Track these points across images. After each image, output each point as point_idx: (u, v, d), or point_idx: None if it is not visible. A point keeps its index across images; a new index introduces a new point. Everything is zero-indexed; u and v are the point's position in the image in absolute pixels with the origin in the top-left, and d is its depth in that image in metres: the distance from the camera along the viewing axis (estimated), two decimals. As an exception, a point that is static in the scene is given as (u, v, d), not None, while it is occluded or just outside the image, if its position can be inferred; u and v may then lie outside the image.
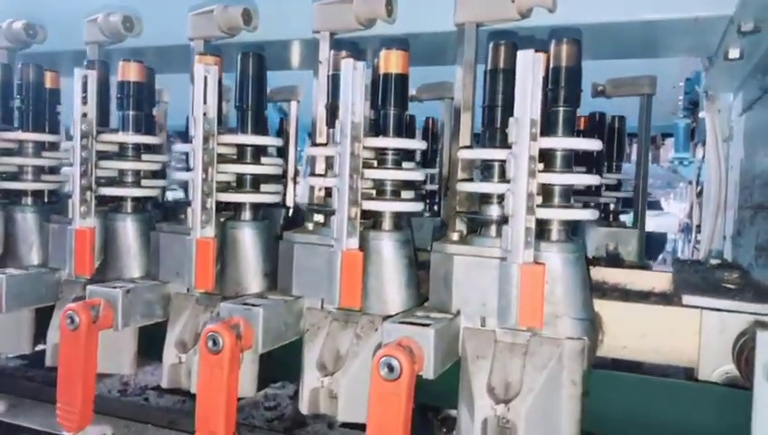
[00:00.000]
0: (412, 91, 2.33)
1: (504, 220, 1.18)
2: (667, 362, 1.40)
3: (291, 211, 2.05)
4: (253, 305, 1.29)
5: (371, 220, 1.38)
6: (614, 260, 2.13)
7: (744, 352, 1.16)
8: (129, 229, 1.61)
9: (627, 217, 2.36)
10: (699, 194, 5.68)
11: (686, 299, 1.33)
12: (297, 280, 1.39)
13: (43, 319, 1.70)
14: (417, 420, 1.56)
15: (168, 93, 2.42)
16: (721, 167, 2.59)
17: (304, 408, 1.34)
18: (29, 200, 1.78)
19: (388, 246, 1.34)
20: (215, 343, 1.21)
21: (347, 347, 1.34)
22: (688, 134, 5.93)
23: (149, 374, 2.30)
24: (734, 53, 1.69)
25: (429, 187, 2.53)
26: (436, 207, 2.50)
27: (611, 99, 2.35)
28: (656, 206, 9.79)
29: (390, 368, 1.08)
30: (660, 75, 2.31)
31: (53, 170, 1.83)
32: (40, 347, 2.35)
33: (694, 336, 1.35)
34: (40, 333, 1.74)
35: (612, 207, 2.35)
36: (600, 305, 1.40)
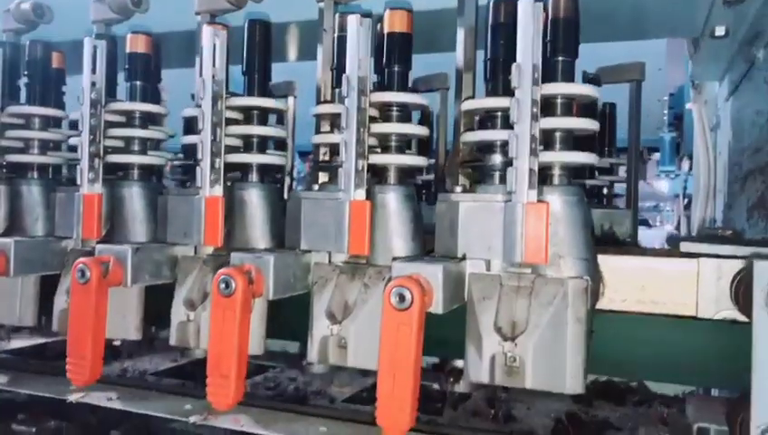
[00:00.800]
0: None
1: (507, 164, 1.22)
2: (666, 313, 1.43)
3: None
4: (263, 254, 1.32)
5: (376, 178, 1.42)
6: (609, 239, 2.18)
7: (741, 286, 1.20)
8: (135, 196, 1.63)
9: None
10: (687, 207, 5.78)
11: (684, 246, 1.37)
12: (305, 234, 1.41)
13: (46, 295, 1.72)
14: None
15: (166, 92, 2.46)
16: (709, 154, 2.67)
17: (314, 356, 1.35)
18: (34, 174, 1.80)
19: (393, 199, 1.38)
20: (227, 285, 1.24)
21: (355, 297, 1.36)
22: (674, 148, 6.05)
23: (147, 362, 2.30)
24: (719, 30, 1.77)
25: (425, 177, 2.57)
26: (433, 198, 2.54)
27: (602, 87, 2.43)
28: (645, 223, 9.89)
29: (402, 298, 1.11)
30: (645, 89, 2.37)
31: (58, 148, 1.85)
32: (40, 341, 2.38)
33: (692, 285, 1.39)
34: (43, 307, 1.75)
35: (606, 190, 2.41)
36: (600, 260, 1.44)
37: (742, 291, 1.20)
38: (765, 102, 1.58)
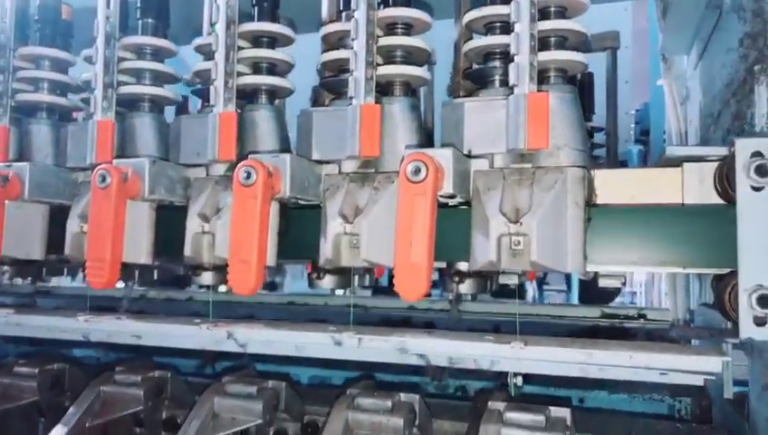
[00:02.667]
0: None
1: (508, 64, 1.32)
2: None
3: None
4: (280, 154, 1.39)
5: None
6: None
7: (723, 171, 1.31)
8: (147, 126, 1.69)
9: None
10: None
11: (669, 150, 1.48)
12: (317, 146, 1.49)
13: (53, 231, 1.76)
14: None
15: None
16: (681, 126, 2.82)
17: (328, 253, 1.42)
18: (44, 114, 1.85)
19: (400, 109, 1.47)
20: (248, 175, 1.30)
21: (365, 201, 1.44)
22: (642, 160, 6.29)
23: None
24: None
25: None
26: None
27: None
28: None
29: (417, 170, 1.20)
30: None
31: (65, 92, 1.91)
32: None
33: (677, 192, 1.49)
34: (51, 243, 1.78)
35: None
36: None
37: (725, 173, 1.30)
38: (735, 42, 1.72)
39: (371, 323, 1.69)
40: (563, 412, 1.42)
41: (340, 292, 1.67)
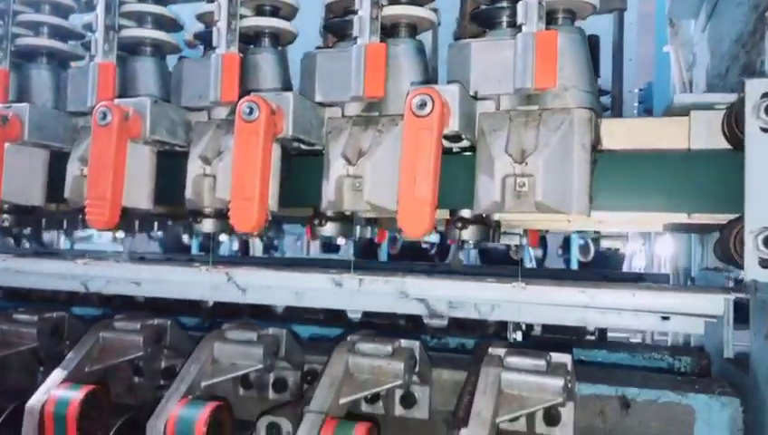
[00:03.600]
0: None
1: (517, 0, 1.30)
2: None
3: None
4: (282, 92, 1.37)
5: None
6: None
7: (731, 115, 1.29)
8: (148, 70, 1.67)
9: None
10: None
11: (678, 98, 1.46)
12: (320, 87, 1.47)
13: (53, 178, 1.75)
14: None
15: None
16: (687, 91, 2.80)
17: (330, 195, 1.41)
18: (44, 59, 1.83)
19: (404, 51, 1.45)
20: (250, 111, 1.29)
21: (369, 143, 1.42)
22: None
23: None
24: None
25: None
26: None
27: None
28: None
29: (423, 104, 1.18)
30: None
31: (66, 38, 1.88)
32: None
33: (684, 140, 1.48)
34: (51, 190, 1.77)
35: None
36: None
37: (734, 116, 1.28)
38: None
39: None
40: (564, 358, 1.41)
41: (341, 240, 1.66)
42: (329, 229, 1.58)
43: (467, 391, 1.45)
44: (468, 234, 1.46)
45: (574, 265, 8.38)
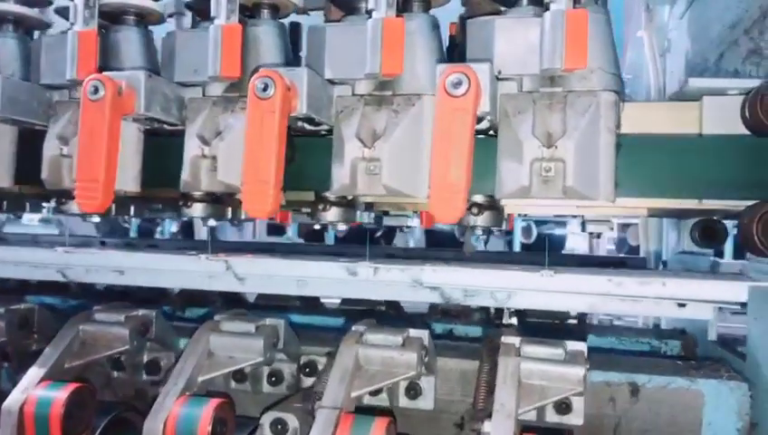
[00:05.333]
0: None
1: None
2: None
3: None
4: (296, 69, 1.28)
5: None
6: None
7: (758, 96, 1.28)
8: (132, 41, 1.54)
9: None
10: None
11: (692, 82, 1.45)
12: (330, 63, 1.38)
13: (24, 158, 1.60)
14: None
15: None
16: (659, 78, 2.83)
17: (344, 178, 1.33)
18: (10, 27, 1.66)
19: (418, 27, 1.38)
20: (265, 87, 1.19)
21: (383, 125, 1.35)
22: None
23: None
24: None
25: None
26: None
27: None
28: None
29: (458, 83, 1.12)
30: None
31: (34, 4, 1.72)
32: None
33: (695, 125, 1.46)
34: (20, 170, 1.62)
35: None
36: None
37: (759, 103, 1.27)
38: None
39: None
40: (580, 346, 1.39)
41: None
42: (332, 215, 1.51)
43: (484, 381, 1.41)
44: (483, 220, 1.41)
45: (517, 247, 8.54)
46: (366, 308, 2.41)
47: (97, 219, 1.66)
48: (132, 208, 1.83)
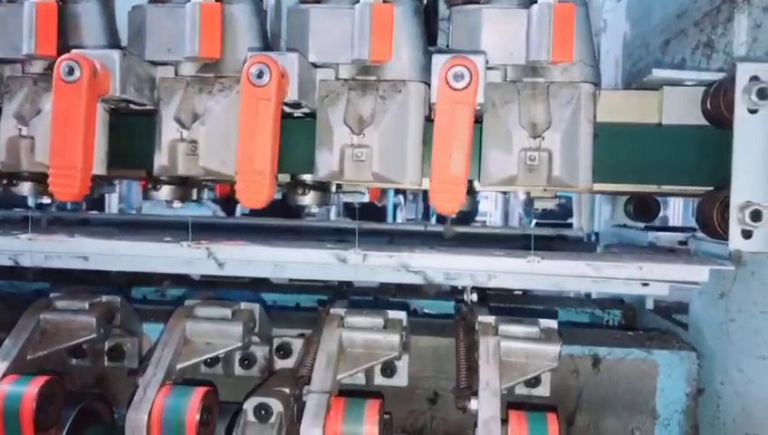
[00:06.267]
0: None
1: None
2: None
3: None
4: (287, 53, 1.25)
5: None
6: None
7: (721, 90, 1.37)
8: (93, 13, 1.45)
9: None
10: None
11: (655, 72, 1.52)
12: (313, 46, 1.35)
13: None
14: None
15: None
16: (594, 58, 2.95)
17: (334, 165, 1.32)
18: (-53, -8, 1.51)
19: (404, 12, 1.37)
20: (260, 74, 1.16)
21: (371, 110, 1.35)
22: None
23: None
24: None
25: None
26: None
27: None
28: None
29: (460, 76, 1.13)
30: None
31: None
32: None
33: (654, 114, 1.55)
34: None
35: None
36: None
37: (721, 94, 1.36)
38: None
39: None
40: (552, 323, 1.47)
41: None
42: (309, 199, 1.50)
43: (463, 359, 1.47)
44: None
45: (433, 217, 8.84)
46: (321, 285, 2.43)
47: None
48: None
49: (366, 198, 2.30)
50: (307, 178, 1.49)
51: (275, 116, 1.18)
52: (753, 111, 1.31)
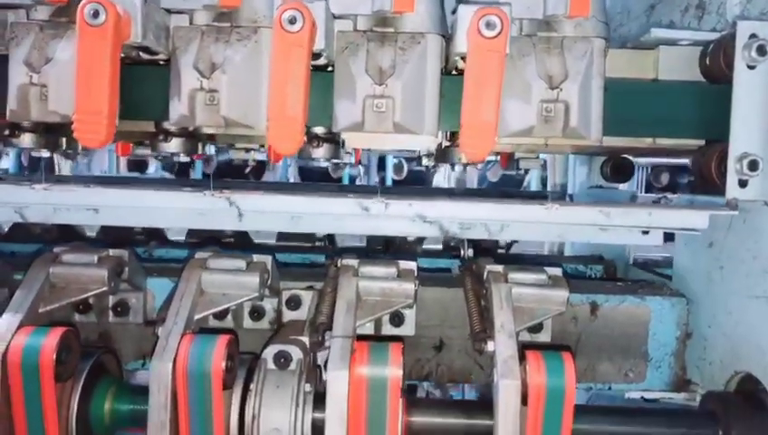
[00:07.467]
0: None
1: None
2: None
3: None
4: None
5: None
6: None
7: (721, 47, 1.45)
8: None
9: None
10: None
11: (654, 32, 1.59)
12: (334, -3, 1.36)
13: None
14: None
15: None
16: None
17: (356, 116, 1.34)
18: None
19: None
20: (292, 20, 1.17)
21: (390, 62, 1.36)
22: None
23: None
24: None
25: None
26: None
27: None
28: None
29: (491, 25, 1.16)
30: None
31: None
32: None
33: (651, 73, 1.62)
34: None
35: None
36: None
37: (722, 52, 1.44)
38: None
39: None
40: (557, 271, 1.54)
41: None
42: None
43: (474, 306, 1.53)
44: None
45: (389, 183, 8.91)
46: (309, 245, 2.46)
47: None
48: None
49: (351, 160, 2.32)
50: (319, 130, 1.50)
51: (307, 63, 1.19)
52: (751, 67, 1.39)
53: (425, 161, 2.17)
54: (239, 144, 2.22)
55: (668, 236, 1.68)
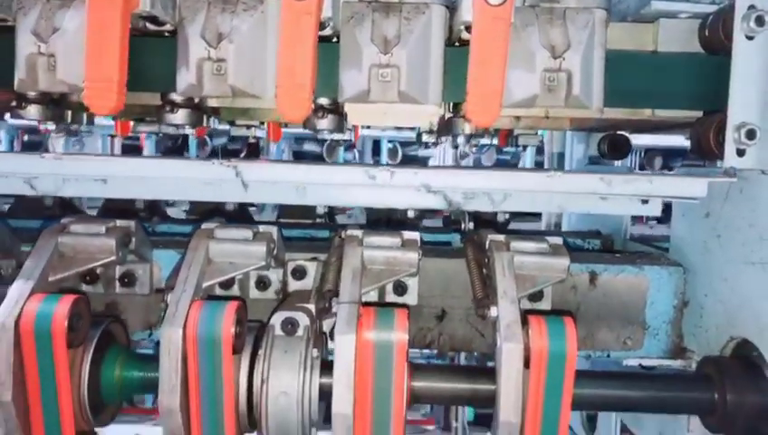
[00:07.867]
0: None
1: None
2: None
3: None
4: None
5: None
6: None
7: (720, 19, 1.47)
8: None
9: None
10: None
11: (654, 5, 1.61)
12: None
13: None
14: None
15: None
16: None
17: (363, 84, 1.36)
18: None
19: None
20: (302, -12, 1.18)
21: (395, 32, 1.38)
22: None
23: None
24: None
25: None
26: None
27: None
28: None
29: (499, -4, 1.18)
30: None
31: None
32: None
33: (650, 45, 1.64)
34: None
35: None
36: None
37: (721, 23, 1.46)
38: None
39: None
40: (557, 240, 1.57)
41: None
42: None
43: (476, 274, 1.55)
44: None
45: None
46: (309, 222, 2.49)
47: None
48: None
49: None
50: (324, 102, 1.53)
51: (316, 30, 1.20)
52: (750, 38, 1.41)
53: (425, 138, 2.20)
54: (240, 120, 2.24)
55: (663, 219, 1.72)
